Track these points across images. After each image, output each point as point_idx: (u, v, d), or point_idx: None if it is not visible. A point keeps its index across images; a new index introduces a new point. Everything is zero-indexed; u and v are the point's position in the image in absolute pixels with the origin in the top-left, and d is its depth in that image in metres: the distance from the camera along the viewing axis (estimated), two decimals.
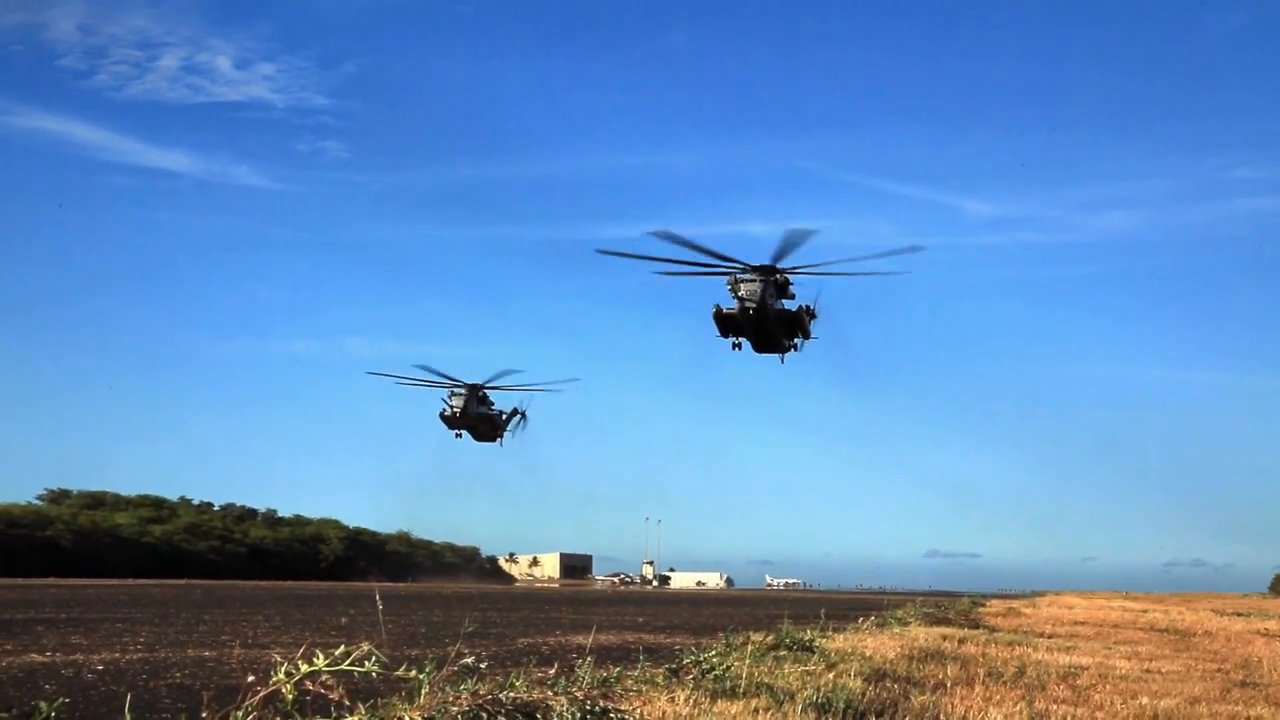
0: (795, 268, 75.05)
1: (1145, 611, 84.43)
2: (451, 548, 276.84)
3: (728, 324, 74.74)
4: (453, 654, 15.01)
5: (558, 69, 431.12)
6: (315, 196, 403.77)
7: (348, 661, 11.49)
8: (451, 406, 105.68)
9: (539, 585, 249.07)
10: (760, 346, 77.48)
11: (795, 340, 78.63)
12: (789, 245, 73.53)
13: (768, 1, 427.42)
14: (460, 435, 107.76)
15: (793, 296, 76.19)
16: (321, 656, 11.53)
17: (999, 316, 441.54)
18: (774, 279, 74.72)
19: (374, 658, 11.74)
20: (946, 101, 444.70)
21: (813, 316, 78.69)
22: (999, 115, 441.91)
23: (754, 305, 73.03)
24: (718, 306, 74.22)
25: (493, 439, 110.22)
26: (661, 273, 72.80)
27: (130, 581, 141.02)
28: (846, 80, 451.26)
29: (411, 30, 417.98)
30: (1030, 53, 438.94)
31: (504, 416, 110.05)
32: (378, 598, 27.31)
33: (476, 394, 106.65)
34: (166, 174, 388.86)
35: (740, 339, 75.94)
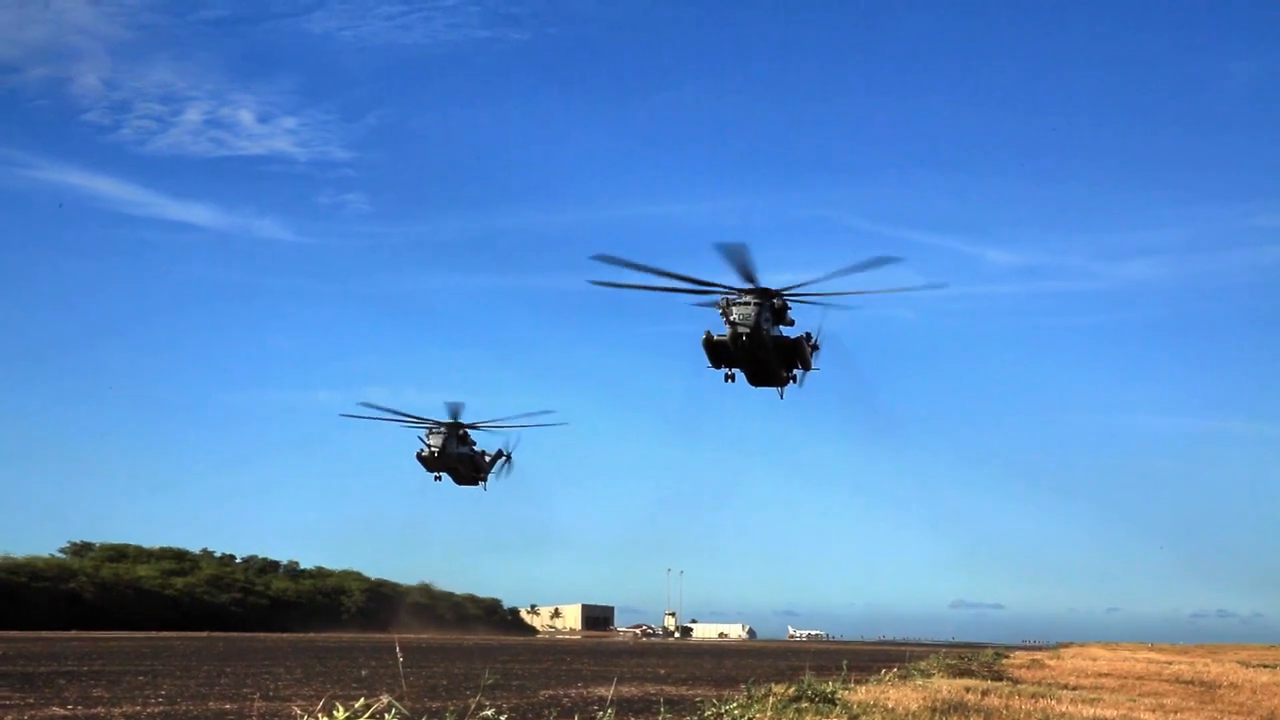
0: (794, 290, 68.62)
1: (1170, 663, 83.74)
2: (473, 599, 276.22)
3: (719, 353, 68.04)
4: (473, 706, 15.06)
5: (574, 120, 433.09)
6: (337, 249, 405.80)
7: (367, 714, 11.57)
8: (429, 446, 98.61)
9: (561, 637, 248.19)
10: (756, 378, 70.86)
11: (794, 372, 71.95)
12: (740, 261, 65.55)
13: (783, 49, 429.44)
14: (440, 478, 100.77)
15: (792, 323, 69.67)
16: (341, 709, 11.62)
17: (1022, 365, 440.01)
18: (770, 302, 68.11)
19: (394, 710, 11.81)
20: (968, 150, 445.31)
21: (815, 348, 72.32)
22: (1021, 163, 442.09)
23: (747, 331, 66.21)
24: (708, 333, 67.54)
25: (475, 481, 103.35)
26: (636, 286, 65.18)
27: (153, 634, 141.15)
28: (867, 128, 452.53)
29: (432, 82, 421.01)
30: (1051, 101, 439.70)
31: (486, 457, 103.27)
32: (398, 649, 27.40)
33: (457, 433, 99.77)
34: (189, 227, 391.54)
35: (733, 369, 69.41)
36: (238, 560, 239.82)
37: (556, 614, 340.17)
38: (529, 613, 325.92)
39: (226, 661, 58.94)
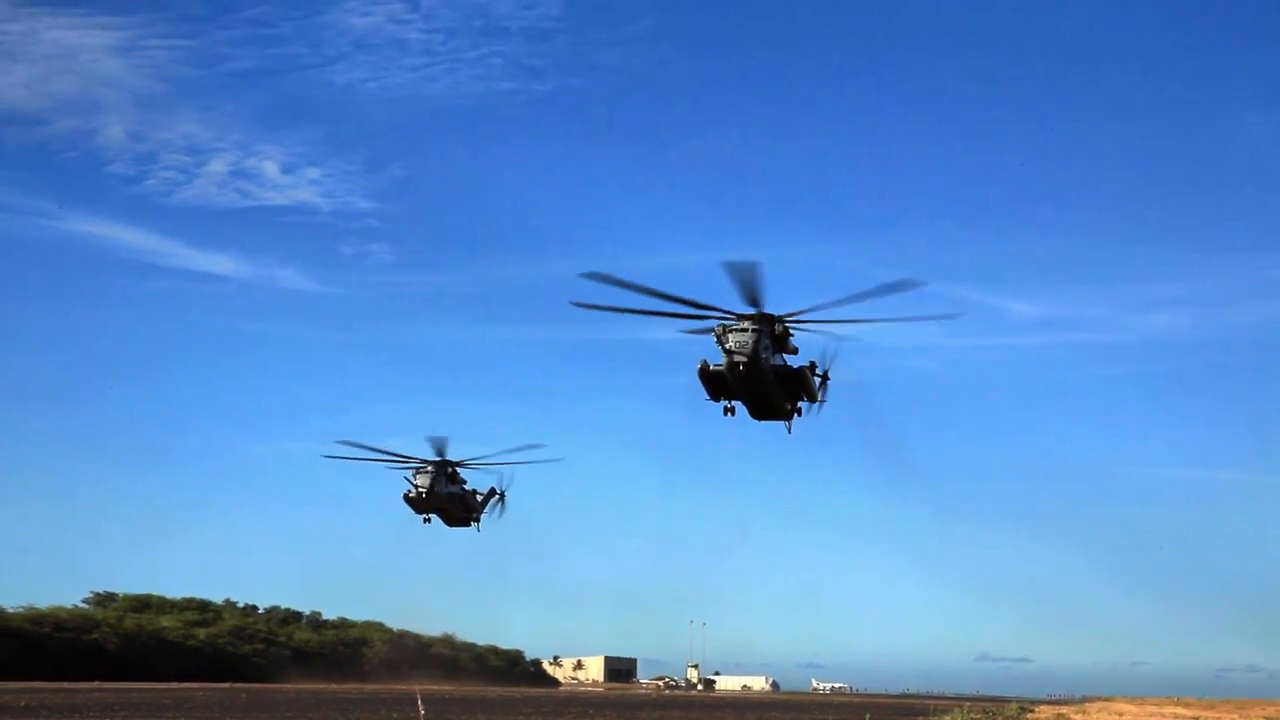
0: (797, 315, 63.70)
1: (1197, 718, 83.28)
2: (495, 650, 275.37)
3: (716, 384, 63.39)
4: None
5: (597, 170, 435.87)
6: (360, 299, 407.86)
7: None
8: (417, 487, 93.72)
9: (583, 689, 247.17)
10: (758, 411, 66.36)
11: (800, 404, 67.13)
12: (748, 283, 60.75)
13: (805, 101, 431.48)
14: (429, 520, 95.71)
15: (795, 351, 65.03)
16: None
17: (1045, 416, 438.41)
18: (770, 329, 63.25)
19: None
20: (990, 201, 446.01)
21: (824, 379, 67.83)
22: (1043, 216, 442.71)
23: (745, 359, 61.54)
24: (704, 363, 62.97)
25: (466, 522, 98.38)
26: (633, 311, 60.93)
27: (175, 685, 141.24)
28: (889, 179, 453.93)
29: (456, 133, 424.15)
30: (1074, 153, 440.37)
31: (478, 496, 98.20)
32: (420, 702, 27.60)
33: (445, 471, 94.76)
34: (213, 277, 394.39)
35: (733, 402, 64.66)
36: (260, 611, 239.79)
37: (579, 666, 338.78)
38: (552, 664, 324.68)
39: (250, 713, 59.27)
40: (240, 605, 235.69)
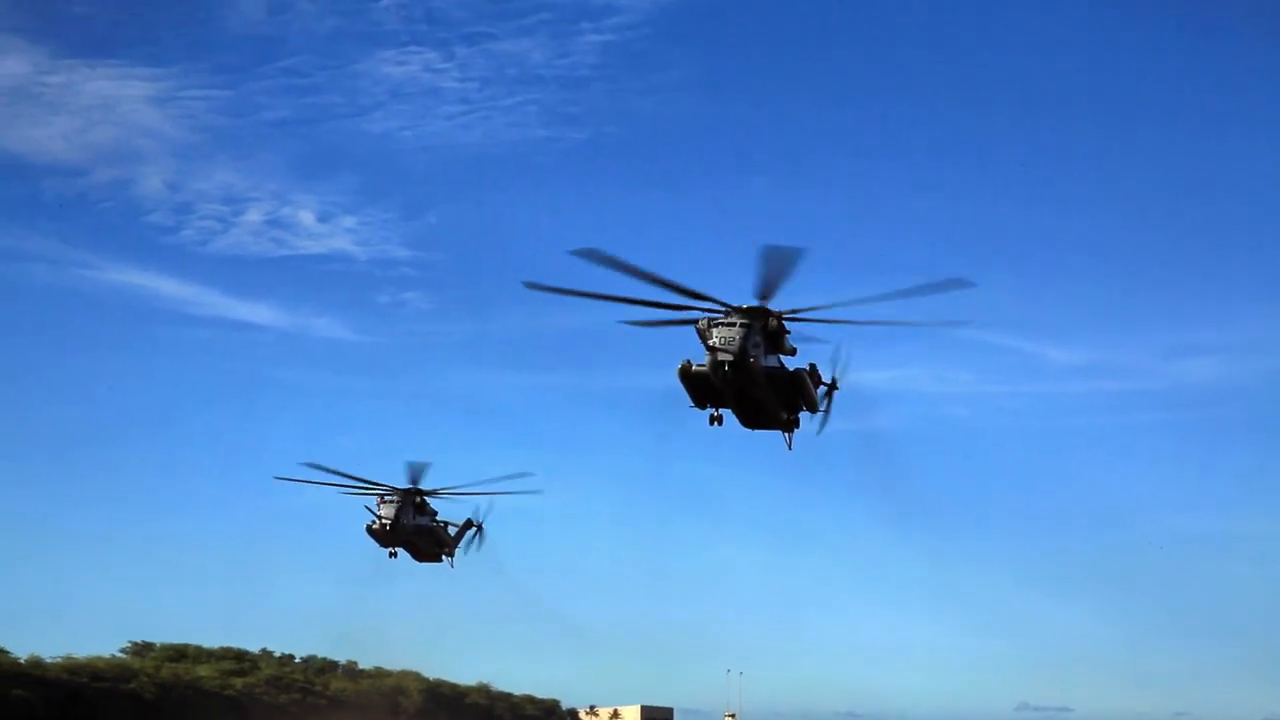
0: (795, 312, 56.31)
1: None
2: (531, 700, 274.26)
3: (699, 387, 56.54)
4: None
5: (634, 216, 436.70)
6: (396, 347, 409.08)
7: None
8: (380, 518, 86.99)
9: None
10: (748, 418, 59.06)
11: (797, 413, 59.33)
12: (775, 274, 53.81)
13: (841, 147, 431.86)
14: (395, 554, 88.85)
15: (792, 351, 57.84)
16: None
17: (1085, 463, 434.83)
18: (763, 324, 55.37)
19: None
20: (1029, 249, 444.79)
21: (831, 388, 60.70)
22: (1081, 263, 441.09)
23: (730, 358, 53.76)
24: (686, 364, 56.40)
25: (437, 557, 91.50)
26: (626, 321, 55.09)
27: None
28: (925, 226, 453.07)
29: (491, 180, 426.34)
30: (1113, 201, 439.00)
31: (450, 529, 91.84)
32: None
33: (413, 500, 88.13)
34: (250, 326, 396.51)
35: (720, 409, 57.67)
36: (297, 660, 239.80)
37: (615, 715, 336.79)
38: (588, 714, 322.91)
39: None
40: (277, 654, 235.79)
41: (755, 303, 55.36)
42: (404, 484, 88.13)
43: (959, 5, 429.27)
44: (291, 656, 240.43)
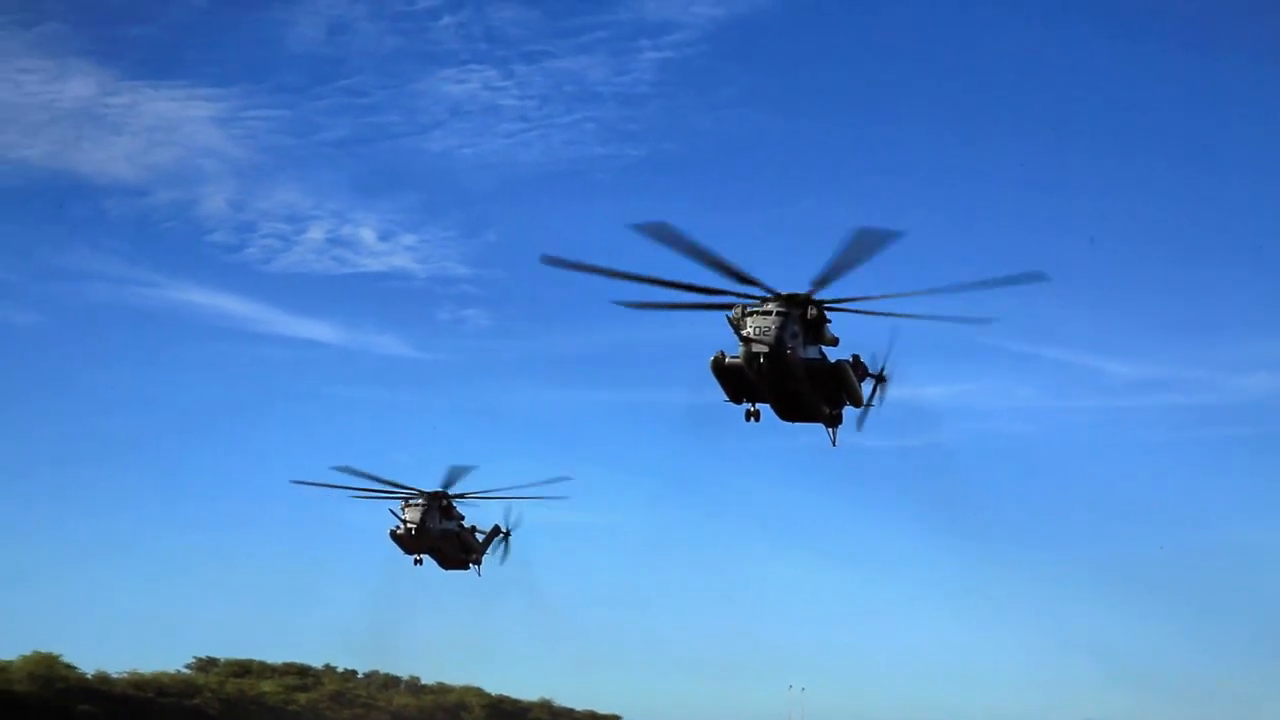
0: (837, 301, 52.04)
1: None
2: (594, 715, 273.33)
3: (734, 381, 52.65)
4: None
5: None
6: (457, 364, 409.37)
7: None
8: (405, 522, 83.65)
9: None
10: (786, 411, 55.36)
11: (840, 407, 55.55)
12: (844, 265, 49.04)
13: (901, 165, 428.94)
14: (420, 561, 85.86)
15: (834, 342, 54.06)
16: None
17: (1157, 478, 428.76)
18: (801, 313, 51.38)
19: None
20: (1088, 263, 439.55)
21: (879, 381, 57.08)
22: (1142, 276, 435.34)
23: (766, 349, 49.67)
24: (719, 355, 52.42)
25: (464, 565, 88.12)
26: (628, 304, 51.00)
27: None
28: (983, 242, 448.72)
29: (550, 198, 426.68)
30: (1170, 214, 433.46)
31: (478, 535, 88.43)
32: None
33: (439, 504, 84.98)
34: (312, 344, 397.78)
35: (756, 404, 54.03)
36: (360, 675, 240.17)
37: None
38: None
39: None
40: (340, 670, 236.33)
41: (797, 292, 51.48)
42: (432, 487, 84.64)
43: (1030, 26, 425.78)
44: (354, 672, 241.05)
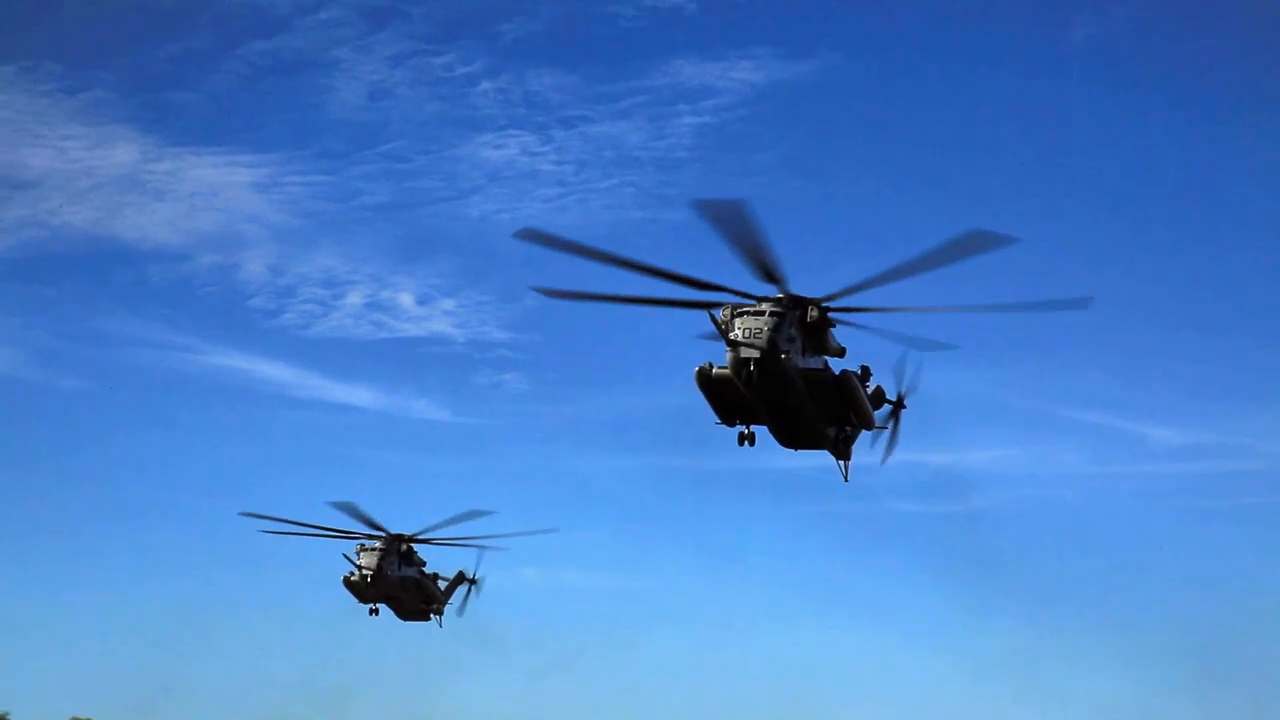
0: (844, 298, 44.18)
1: None
2: None
3: (722, 395, 44.83)
4: None
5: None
6: (494, 429, 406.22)
7: None
8: (360, 568, 75.02)
9: None
10: (785, 435, 47.38)
11: (847, 428, 47.31)
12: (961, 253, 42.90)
13: (933, 233, 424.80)
14: (376, 610, 78.01)
15: (839, 352, 45.86)
16: None
17: (1193, 547, 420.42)
18: (800, 315, 43.66)
19: None
20: (1131, 326, 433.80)
21: (896, 406, 49.44)
22: (1185, 340, 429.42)
23: (757, 354, 41.72)
24: (705, 367, 44.58)
25: (424, 615, 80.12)
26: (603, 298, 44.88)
27: None
28: (1024, 316, 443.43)
29: (588, 262, 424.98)
30: (1207, 279, 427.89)
31: (440, 582, 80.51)
32: None
33: (398, 549, 76.61)
34: (350, 409, 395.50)
35: (750, 425, 46.08)
36: None
37: None
38: None
39: None
40: None
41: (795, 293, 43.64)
42: (390, 529, 76.22)
43: (1066, 96, 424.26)
44: None
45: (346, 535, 75.03)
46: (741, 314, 43.19)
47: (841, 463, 49.46)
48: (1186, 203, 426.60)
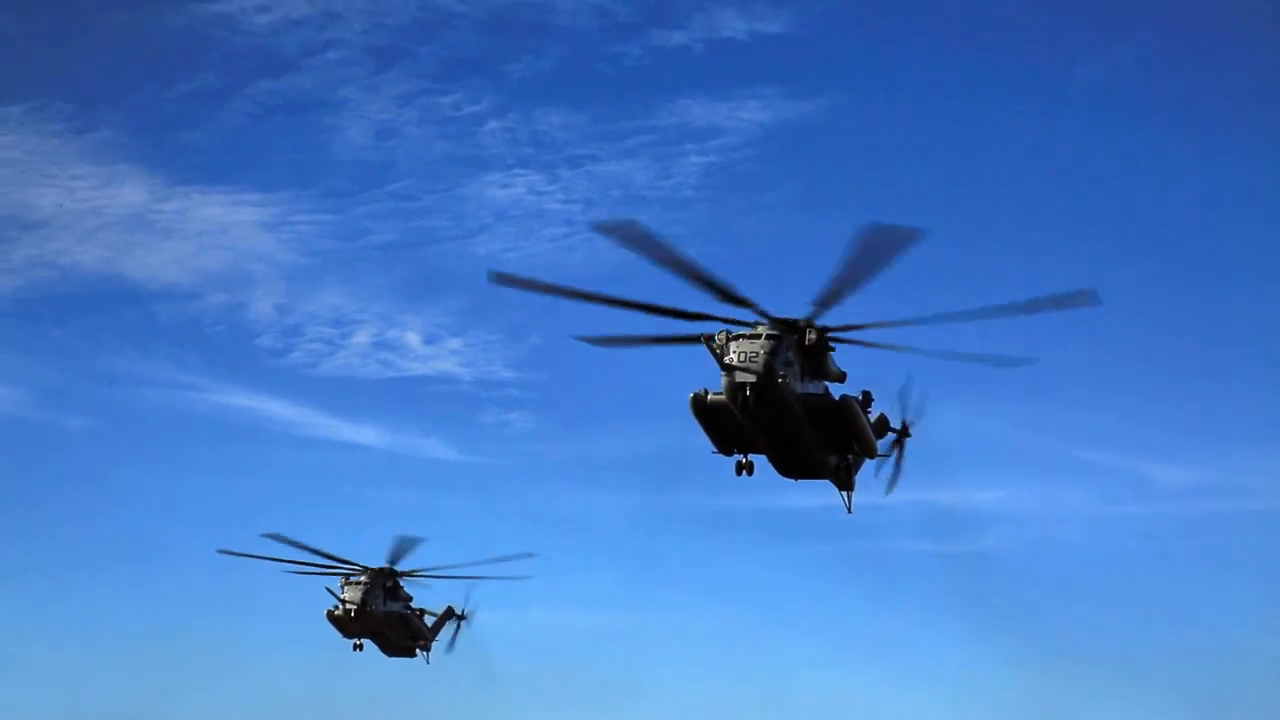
0: (842, 328, 43.88)
1: None
2: None
3: (718, 422, 43.76)
4: None
5: None
6: (501, 468, 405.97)
7: None
8: (344, 602, 73.64)
9: None
10: (784, 464, 46.12)
11: (849, 455, 46.17)
12: (846, 285, 41.71)
13: (942, 271, 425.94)
14: (360, 646, 76.48)
15: (840, 377, 45.13)
16: None
17: (1202, 588, 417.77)
18: (797, 338, 42.97)
19: None
20: (1137, 363, 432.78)
21: (901, 435, 48.47)
22: (1192, 379, 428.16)
23: (753, 379, 40.68)
24: (700, 393, 43.44)
25: (410, 651, 78.86)
26: (580, 337, 45.17)
27: None
28: (1033, 342, 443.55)
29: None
30: (1216, 319, 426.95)
31: (427, 618, 79.14)
32: None
33: (384, 583, 75.26)
34: (356, 447, 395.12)
35: (748, 455, 44.94)
36: None
37: None
38: None
39: None
40: None
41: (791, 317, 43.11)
42: (377, 563, 74.69)
43: (1072, 135, 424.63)
44: None
45: (331, 570, 73.24)
46: (737, 338, 42.28)
47: (844, 494, 48.31)
48: (1194, 241, 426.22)
